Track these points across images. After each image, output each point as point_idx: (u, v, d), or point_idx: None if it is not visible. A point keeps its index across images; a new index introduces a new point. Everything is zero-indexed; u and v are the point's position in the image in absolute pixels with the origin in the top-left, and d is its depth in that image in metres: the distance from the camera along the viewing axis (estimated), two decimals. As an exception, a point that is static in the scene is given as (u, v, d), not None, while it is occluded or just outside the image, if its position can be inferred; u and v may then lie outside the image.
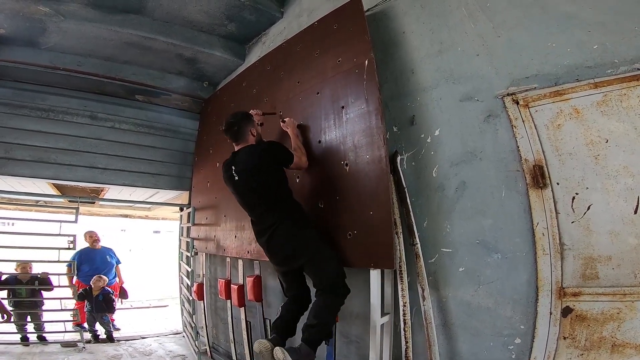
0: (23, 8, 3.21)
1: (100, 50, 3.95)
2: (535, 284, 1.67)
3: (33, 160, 3.91)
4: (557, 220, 1.68)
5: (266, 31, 3.99)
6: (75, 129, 4.15)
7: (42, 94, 4.03)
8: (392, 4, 2.60)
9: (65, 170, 4.06)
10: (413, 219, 2.11)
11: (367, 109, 2.15)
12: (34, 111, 3.98)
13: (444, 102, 2.12)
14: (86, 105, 4.25)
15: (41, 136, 3.96)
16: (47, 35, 3.60)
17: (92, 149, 4.20)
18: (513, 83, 1.86)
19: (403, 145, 2.27)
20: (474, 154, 1.94)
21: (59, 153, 4.03)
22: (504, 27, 1.98)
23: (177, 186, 4.69)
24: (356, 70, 2.27)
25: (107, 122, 4.32)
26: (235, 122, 2.20)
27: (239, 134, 2.21)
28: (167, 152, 4.66)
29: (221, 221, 3.50)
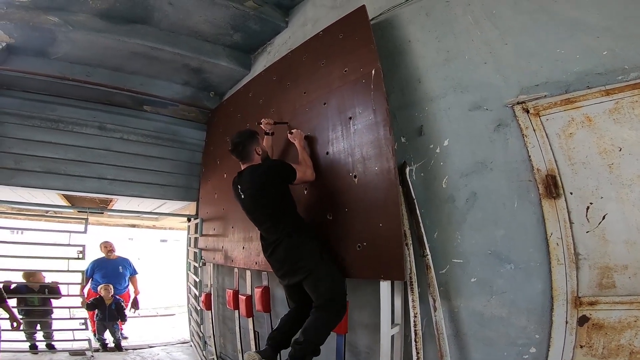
0: (33, 18, 3.28)
1: (108, 61, 4.01)
2: (550, 294, 1.64)
3: (43, 171, 3.94)
4: (571, 230, 1.64)
5: (271, 41, 4.02)
6: (84, 139, 4.19)
7: (51, 104, 4.07)
8: (397, 13, 2.60)
9: (75, 181, 4.10)
10: (423, 230, 2.08)
11: (374, 119, 2.13)
12: (43, 122, 4.02)
13: (452, 111, 2.10)
14: (95, 116, 4.29)
15: (51, 147, 4.00)
16: (56, 45, 3.67)
17: (100, 160, 4.24)
18: (522, 91, 1.84)
19: (412, 156, 2.24)
20: (485, 164, 1.92)
21: (68, 164, 4.07)
22: (511, 33, 1.97)
23: (184, 197, 4.71)
24: (363, 80, 2.26)
25: (115, 133, 4.36)
26: (240, 142, 2.24)
27: (244, 153, 2.25)
28: (175, 163, 4.69)
29: (229, 232, 3.50)
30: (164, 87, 4.44)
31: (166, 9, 3.49)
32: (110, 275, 5.11)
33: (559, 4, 1.84)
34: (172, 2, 3.41)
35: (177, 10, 3.51)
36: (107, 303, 4.84)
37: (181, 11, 3.53)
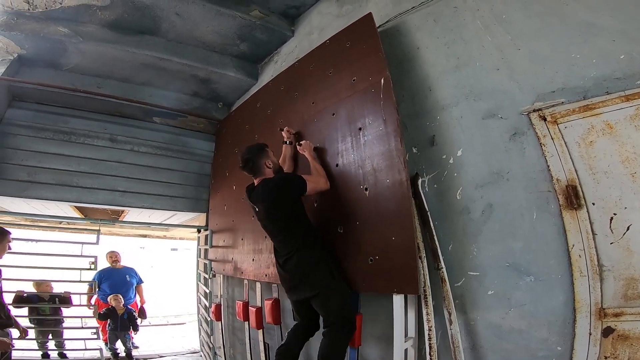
0: (43, 28, 3.34)
1: (118, 72, 4.07)
2: (572, 306, 1.58)
3: (56, 184, 3.97)
4: (594, 241, 1.57)
5: (278, 50, 4.01)
6: (96, 152, 4.22)
7: (64, 116, 4.12)
8: (404, 19, 2.56)
9: (87, 193, 4.11)
10: (437, 243, 2.02)
11: (385, 130, 2.08)
12: (56, 134, 4.06)
13: (465, 120, 2.03)
14: (106, 128, 4.33)
15: (64, 159, 4.04)
16: (67, 57, 3.72)
17: (112, 172, 4.26)
18: (538, 98, 1.77)
19: (424, 167, 2.18)
20: (501, 175, 1.85)
21: (81, 176, 4.09)
22: (523, 38, 1.91)
23: (194, 208, 4.71)
24: (372, 90, 2.21)
25: (126, 145, 4.39)
26: (250, 158, 2.25)
27: (254, 169, 2.26)
28: (184, 175, 4.70)
29: (238, 244, 3.47)
30: (173, 98, 4.47)
31: (173, 19, 3.52)
32: (117, 285, 5.14)
33: (570, 7, 1.80)
34: (179, 13, 3.44)
35: (184, 21, 3.54)
36: (120, 313, 4.86)
37: (188, 22, 3.56)
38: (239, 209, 3.49)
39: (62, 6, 3.25)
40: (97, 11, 3.36)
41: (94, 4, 3.26)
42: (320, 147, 2.55)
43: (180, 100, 4.55)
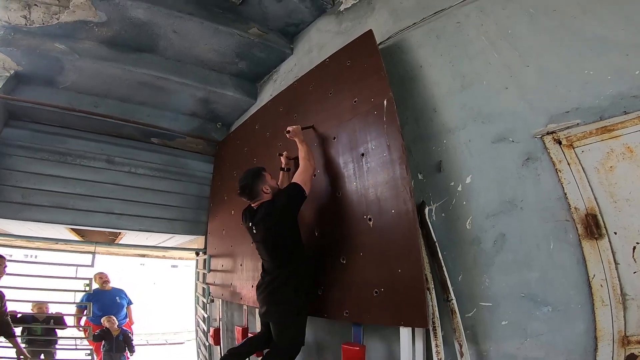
0: (40, 44, 3.29)
1: (115, 91, 4.00)
2: (594, 334, 1.48)
3: (51, 206, 3.87)
4: (617, 271, 1.46)
5: (277, 68, 3.95)
6: (93, 173, 4.13)
7: (60, 136, 4.05)
8: (405, 36, 2.48)
9: (83, 216, 4.02)
10: (446, 274, 1.89)
11: (389, 157, 1.96)
12: (52, 155, 3.99)
13: (474, 144, 1.91)
14: (103, 149, 4.25)
15: (59, 181, 3.95)
16: (64, 74, 3.66)
17: (109, 194, 4.16)
18: (552, 119, 1.65)
19: (430, 194, 2.05)
20: (514, 204, 1.72)
21: (76, 199, 4.00)
22: (532, 54, 1.81)
23: (192, 231, 4.60)
24: (375, 112, 2.10)
25: (123, 167, 4.31)
26: (247, 184, 2.24)
27: (252, 194, 2.24)
28: (183, 197, 4.61)
29: (238, 269, 3.34)
30: (171, 118, 4.40)
31: (171, 37, 3.48)
32: (108, 306, 5.03)
33: (580, 20, 1.71)
34: (176, 31, 3.40)
35: (182, 38, 3.50)
36: (115, 334, 4.75)
37: (186, 39, 3.52)
38: (238, 234, 3.37)
39: (59, 22, 3.21)
40: (94, 27, 3.32)
41: (91, 20, 3.22)
42: (314, 128, 2.49)
43: (179, 120, 4.47)
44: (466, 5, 2.20)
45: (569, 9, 1.76)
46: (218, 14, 3.41)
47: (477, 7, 2.14)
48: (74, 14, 3.14)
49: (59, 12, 3.15)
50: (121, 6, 3.07)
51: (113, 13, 3.15)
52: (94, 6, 3.07)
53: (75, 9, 3.09)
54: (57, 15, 3.17)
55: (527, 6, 1.92)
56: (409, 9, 2.57)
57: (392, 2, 2.73)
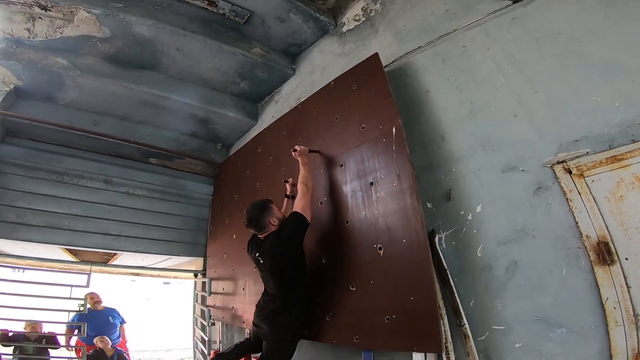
0: (42, 59, 3.25)
1: (116, 109, 3.95)
2: (608, 353, 1.50)
3: (46, 226, 3.77)
4: (629, 294, 1.49)
5: (279, 89, 3.96)
6: (90, 194, 4.04)
7: (58, 155, 3.97)
8: (411, 60, 2.50)
9: (78, 236, 3.91)
10: (458, 300, 1.88)
11: (400, 186, 1.95)
12: (49, 174, 3.90)
13: (483, 173, 1.91)
14: (101, 169, 4.18)
15: (55, 201, 3.85)
16: (64, 91, 3.61)
17: (105, 215, 4.07)
18: (562, 148, 1.67)
19: (440, 223, 2.03)
20: (525, 232, 1.72)
21: (72, 219, 3.90)
22: (540, 80, 1.84)
23: (190, 253, 4.53)
24: (383, 140, 2.10)
25: (121, 187, 4.23)
26: (254, 217, 2.27)
27: (259, 226, 2.27)
28: (181, 219, 4.53)
29: (239, 293, 3.28)
30: (171, 138, 4.36)
31: (174, 55, 3.48)
32: (100, 326, 4.86)
33: (585, 45, 1.74)
34: (180, 48, 3.40)
35: (185, 56, 3.50)
36: (109, 354, 4.59)
37: (189, 58, 3.52)
38: (240, 258, 3.32)
39: (62, 36, 3.19)
40: (97, 43, 3.30)
41: (95, 35, 3.21)
42: (321, 153, 2.46)
43: (179, 140, 4.43)
44: (471, 29, 2.23)
45: (574, 32, 1.79)
46: (222, 32, 3.44)
47: (483, 31, 2.17)
48: (78, 28, 3.13)
49: (63, 26, 3.14)
50: (126, 22, 3.08)
51: (117, 29, 3.15)
52: (99, 21, 3.07)
53: (80, 23, 3.09)
54: (61, 30, 3.16)
55: (532, 30, 1.95)
56: (413, 32, 2.60)
57: (395, 24, 2.77)
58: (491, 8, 2.16)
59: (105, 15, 3.02)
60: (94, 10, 2.98)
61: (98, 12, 2.99)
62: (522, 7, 2.05)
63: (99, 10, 2.98)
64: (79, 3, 2.95)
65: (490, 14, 2.15)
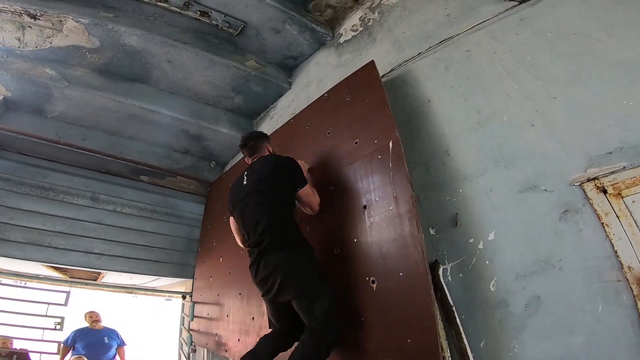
0: (30, 69, 3.12)
1: (105, 123, 3.79)
2: None
3: (26, 242, 3.55)
4: None
5: (274, 104, 3.76)
6: (75, 211, 3.83)
7: (44, 169, 3.79)
8: (410, 68, 2.28)
9: (59, 254, 3.67)
10: (465, 342, 1.56)
11: (397, 210, 1.65)
12: (33, 189, 3.71)
13: (496, 194, 1.61)
14: (88, 185, 3.97)
15: (38, 217, 3.64)
16: (52, 103, 3.46)
17: (90, 233, 3.83)
18: (592, 163, 1.38)
19: (444, 252, 1.73)
20: (550, 263, 1.41)
21: (54, 236, 3.68)
22: (557, 84, 1.59)
23: (180, 274, 4.23)
24: (379, 156, 1.82)
25: (108, 205, 4.01)
26: (252, 137, 2.13)
27: (255, 147, 2.11)
28: (171, 239, 4.26)
29: (223, 319, 2.97)
30: (162, 155, 4.16)
31: (165, 67, 3.33)
32: (93, 345, 4.57)
33: (603, 43, 1.53)
34: (171, 60, 3.26)
35: (176, 69, 3.35)
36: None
37: (180, 70, 3.37)
38: (226, 282, 3.06)
39: (51, 46, 3.08)
40: (86, 54, 3.18)
41: (84, 45, 3.08)
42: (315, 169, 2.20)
43: (171, 157, 4.23)
44: (474, 32, 2.03)
45: (591, 31, 1.59)
46: (215, 44, 3.30)
47: (488, 34, 1.97)
48: (67, 38, 3.02)
49: (52, 36, 3.03)
50: (115, 32, 2.96)
51: (106, 39, 3.03)
52: (88, 31, 2.95)
53: (69, 33, 2.97)
54: (51, 39, 3.04)
55: (543, 30, 1.75)
56: (412, 38, 2.40)
57: (394, 32, 2.58)
58: (495, 10, 1.96)
59: (93, 25, 2.90)
60: (82, 19, 2.87)
61: (86, 21, 2.88)
62: (529, 7, 1.86)
63: (87, 20, 2.87)
64: (68, 12, 2.85)
65: (495, 16, 1.95)
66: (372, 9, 2.93)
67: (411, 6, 2.57)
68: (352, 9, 3.14)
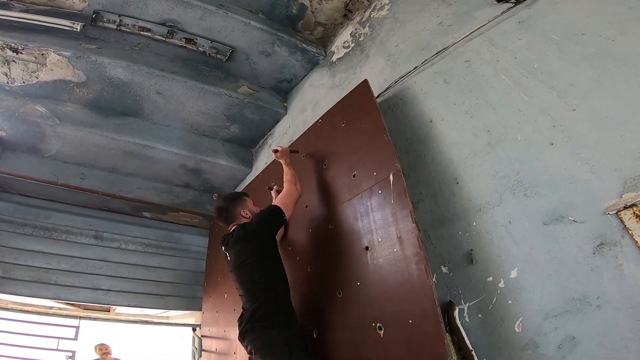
0: (20, 107, 3.02)
1: (102, 160, 3.69)
2: None
3: (32, 281, 3.51)
4: None
5: (272, 131, 3.61)
6: (79, 249, 3.77)
7: (46, 210, 3.76)
8: (407, 84, 2.10)
9: (66, 291, 3.62)
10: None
11: (402, 253, 1.46)
12: (36, 230, 3.67)
13: (516, 227, 1.40)
14: (91, 224, 3.91)
15: (42, 257, 3.60)
16: (47, 142, 3.37)
17: (95, 270, 3.77)
18: (627, 186, 1.17)
19: (460, 291, 1.52)
20: (586, 302, 1.19)
21: (60, 274, 3.62)
22: (576, 93, 1.39)
23: (188, 307, 4.14)
24: (379, 191, 1.64)
25: (112, 243, 3.95)
26: (224, 207, 2.10)
27: (228, 218, 2.07)
28: (177, 273, 4.18)
29: (231, 355, 2.84)
30: (163, 191, 4.05)
31: (155, 99, 3.22)
32: None
33: (621, 43, 1.34)
34: (160, 92, 3.14)
35: (167, 100, 3.24)
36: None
37: (172, 102, 3.25)
38: (232, 319, 2.91)
39: (38, 81, 2.99)
40: (74, 88, 3.08)
41: (71, 79, 2.99)
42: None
43: (172, 192, 4.11)
44: (472, 40, 1.86)
45: (601, 30, 1.40)
46: (205, 71, 3.20)
47: (487, 40, 1.79)
48: (52, 72, 2.93)
49: (37, 70, 2.93)
50: (98, 64, 2.86)
51: (91, 72, 2.93)
52: (71, 64, 2.86)
53: (53, 67, 2.88)
54: (36, 74, 2.95)
55: (547, 32, 1.56)
56: (406, 51, 2.23)
57: (386, 45, 2.42)
58: (491, 14, 1.80)
59: (76, 58, 2.81)
60: (64, 52, 2.78)
61: (68, 54, 2.78)
62: (526, 8, 1.69)
63: (69, 52, 2.78)
64: (49, 45, 2.75)
65: (491, 20, 1.77)
66: (362, 24, 2.77)
67: (401, 17, 2.41)
68: (342, 25, 3.00)
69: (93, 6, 2.71)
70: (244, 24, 2.81)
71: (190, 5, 2.69)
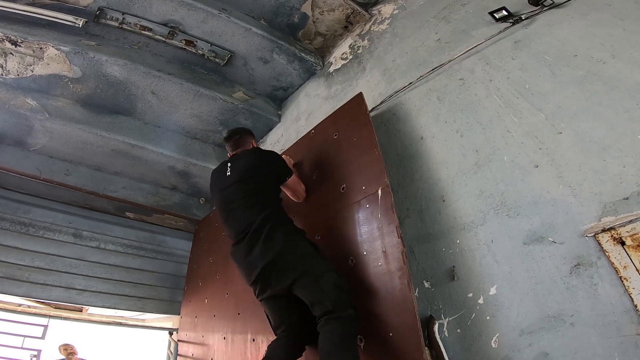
0: (10, 99, 2.98)
1: (89, 158, 3.62)
2: None
3: (3, 277, 3.36)
4: None
5: (264, 139, 3.61)
6: (56, 247, 3.64)
7: (25, 205, 3.64)
8: (402, 99, 2.15)
9: (38, 289, 3.48)
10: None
11: (386, 267, 1.48)
12: (13, 225, 3.54)
13: (498, 246, 1.44)
14: (71, 222, 3.79)
15: (16, 253, 3.46)
16: (34, 136, 3.30)
17: (71, 269, 3.64)
18: (606, 210, 1.22)
19: (441, 306, 1.54)
20: (560, 319, 1.23)
21: (32, 271, 3.49)
22: (563, 116, 1.45)
23: (167, 310, 4.02)
24: (367, 205, 1.66)
25: (91, 242, 3.84)
26: (238, 131, 2.12)
27: (240, 141, 2.07)
28: (157, 275, 4.06)
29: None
30: (149, 192, 3.97)
31: (149, 99, 3.22)
32: None
33: (612, 66, 1.40)
34: (155, 92, 3.14)
35: (161, 101, 3.23)
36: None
37: (165, 102, 3.25)
38: (210, 326, 2.88)
39: (33, 74, 2.96)
40: (68, 83, 3.06)
41: (66, 75, 2.97)
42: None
43: (158, 194, 4.04)
44: (467, 58, 1.92)
45: (594, 52, 1.46)
46: (202, 74, 3.21)
47: (482, 60, 1.85)
48: (48, 66, 2.91)
49: (33, 64, 2.91)
50: (96, 61, 2.86)
51: (88, 68, 2.92)
52: (69, 59, 2.85)
53: (50, 61, 2.87)
54: (32, 67, 2.93)
55: (541, 53, 1.62)
56: (403, 67, 2.29)
57: (384, 60, 2.48)
58: (488, 33, 1.86)
59: (74, 54, 2.80)
60: (63, 47, 2.78)
61: (67, 49, 2.78)
62: (523, 28, 1.75)
63: (68, 48, 2.78)
64: (49, 39, 2.75)
65: (488, 39, 1.83)
66: (361, 36, 2.84)
67: (401, 32, 2.48)
68: (341, 36, 3.06)
69: (99, 3, 2.73)
70: (245, 29, 2.86)
71: (193, 8, 2.74)
